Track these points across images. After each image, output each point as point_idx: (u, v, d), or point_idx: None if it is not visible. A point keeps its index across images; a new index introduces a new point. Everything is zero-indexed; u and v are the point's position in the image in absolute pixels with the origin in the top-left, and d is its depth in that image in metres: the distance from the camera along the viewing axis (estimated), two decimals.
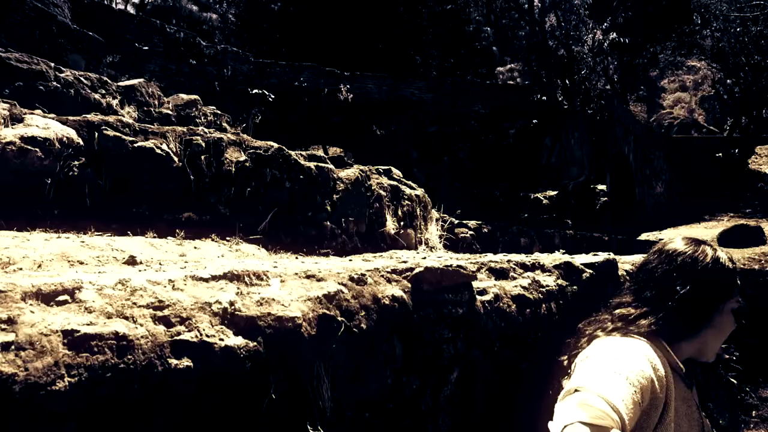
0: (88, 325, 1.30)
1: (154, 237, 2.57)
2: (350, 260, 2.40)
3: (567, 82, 20.62)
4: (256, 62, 19.25)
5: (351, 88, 18.84)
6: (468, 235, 6.62)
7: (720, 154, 21.60)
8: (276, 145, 3.26)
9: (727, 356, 6.18)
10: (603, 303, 1.81)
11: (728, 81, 23.78)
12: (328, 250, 3.27)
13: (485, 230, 7.78)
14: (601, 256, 3.22)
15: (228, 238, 2.84)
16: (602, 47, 20.93)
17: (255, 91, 17.93)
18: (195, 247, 2.55)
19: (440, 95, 19.59)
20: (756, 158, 23.24)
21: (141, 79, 6.71)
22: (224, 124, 7.16)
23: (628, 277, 1.91)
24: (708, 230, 13.53)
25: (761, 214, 16.21)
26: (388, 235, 3.87)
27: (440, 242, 5.03)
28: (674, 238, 1.80)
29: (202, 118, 6.77)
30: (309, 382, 1.62)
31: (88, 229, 2.41)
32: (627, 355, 1.47)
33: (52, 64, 4.51)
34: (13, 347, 1.17)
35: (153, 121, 5.37)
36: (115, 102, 5.15)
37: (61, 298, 1.38)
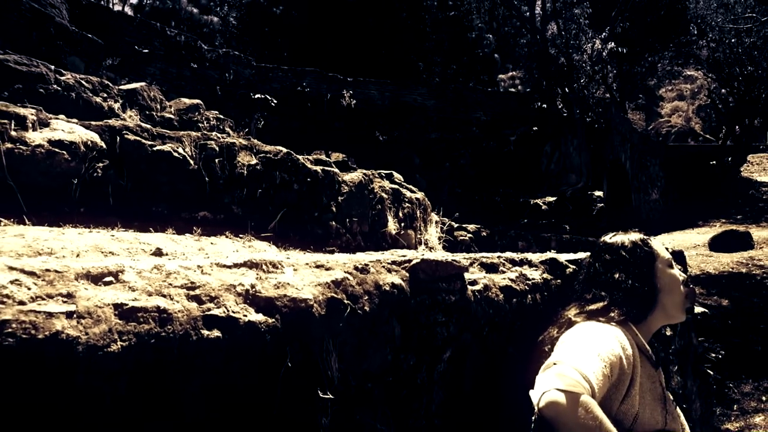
0: (133, 300, 1.54)
1: (174, 234, 2.80)
2: (355, 255, 2.64)
3: (567, 90, 20.87)
4: (258, 66, 19.45)
5: (354, 93, 19.08)
6: (467, 238, 6.85)
7: (714, 162, 21.92)
8: (285, 150, 3.50)
9: (713, 354, 6.43)
10: (574, 297, 2.05)
11: (723, 90, 24.13)
12: (333, 248, 3.50)
13: (484, 234, 8.01)
14: (583, 254, 3.46)
15: (241, 236, 3.08)
16: (601, 56, 21.21)
17: (257, 95, 18.18)
18: (212, 243, 2.79)
19: (442, 102, 19.84)
20: (748, 166, 23.67)
21: (143, 83, 6.83)
22: (227, 129, 7.24)
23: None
24: (700, 236, 13.79)
25: (751, 220, 16.58)
26: (390, 236, 4.11)
27: (439, 244, 5.28)
28: (602, 239, 2.12)
29: (205, 122, 6.81)
30: (319, 355, 1.86)
31: (114, 226, 2.65)
32: (599, 336, 1.70)
33: (53, 67, 4.50)
34: (75, 316, 1.40)
35: (155, 126, 5.45)
36: (116, 106, 5.14)
37: (107, 279, 1.61)
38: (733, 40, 20.88)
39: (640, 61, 26.99)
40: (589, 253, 2.27)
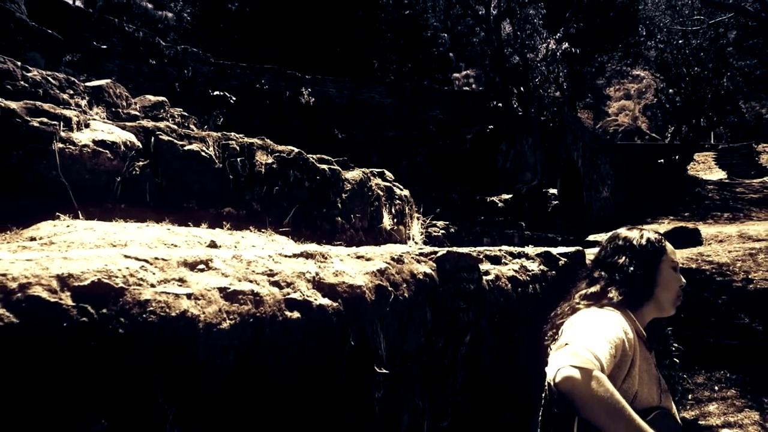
0: (230, 284, 1.77)
1: (208, 228, 3.01)
2: (380, 247, 2.90)
3: (522, 89, 21.45)
4: (216, 63, 19.38)
5: (312, 91, 19.19)
6: (440, 233, 7.20)
7: (662, 160, 22.86)
8: (296, 150, 3.73)
9: (673, 348, 6.89)
10: (573, 284, 2.28)
11: (670, 90, 25.17)
12: (340, 242, 3.74)
13: (452, 230, 8.40)
14: (572, 248, 3.81)
15: (263, 230, 3.29)
16: (555, 56, 21.84)
17: (216, 92, 18.13)
18: (242, 237, 3.01)
19: (400, 100, 20.12)
20: (694, 164, 24.77)
21: (108, 80, 6.84)
22: (192, 127, 7.31)
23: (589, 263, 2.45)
24: None
25: (698, 217, 17.36)
26: (385, 230, 4.38)
27: (421, 239, 5.58)
28: (618, 229, 2.33)
29: (170, 120, 6.86)
30: (371, 337, 2.12)
31: (160, 220, 2.84)
32: (604, 320, 1.93)
33: (19, 63, 4.48)
34: (193, 297, 1.63)
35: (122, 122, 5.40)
36: (83, 102, 5.06)
37: (200, 266, 1.82)
38: (680, 42, 21.82)
39: (590, 61, 27.90)
40: (578, 247, 2.56)
